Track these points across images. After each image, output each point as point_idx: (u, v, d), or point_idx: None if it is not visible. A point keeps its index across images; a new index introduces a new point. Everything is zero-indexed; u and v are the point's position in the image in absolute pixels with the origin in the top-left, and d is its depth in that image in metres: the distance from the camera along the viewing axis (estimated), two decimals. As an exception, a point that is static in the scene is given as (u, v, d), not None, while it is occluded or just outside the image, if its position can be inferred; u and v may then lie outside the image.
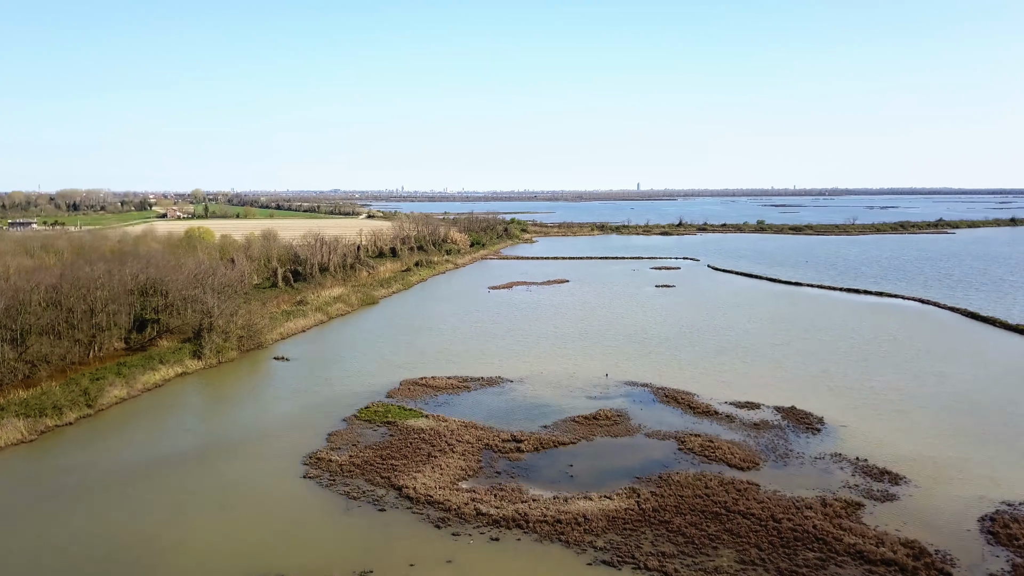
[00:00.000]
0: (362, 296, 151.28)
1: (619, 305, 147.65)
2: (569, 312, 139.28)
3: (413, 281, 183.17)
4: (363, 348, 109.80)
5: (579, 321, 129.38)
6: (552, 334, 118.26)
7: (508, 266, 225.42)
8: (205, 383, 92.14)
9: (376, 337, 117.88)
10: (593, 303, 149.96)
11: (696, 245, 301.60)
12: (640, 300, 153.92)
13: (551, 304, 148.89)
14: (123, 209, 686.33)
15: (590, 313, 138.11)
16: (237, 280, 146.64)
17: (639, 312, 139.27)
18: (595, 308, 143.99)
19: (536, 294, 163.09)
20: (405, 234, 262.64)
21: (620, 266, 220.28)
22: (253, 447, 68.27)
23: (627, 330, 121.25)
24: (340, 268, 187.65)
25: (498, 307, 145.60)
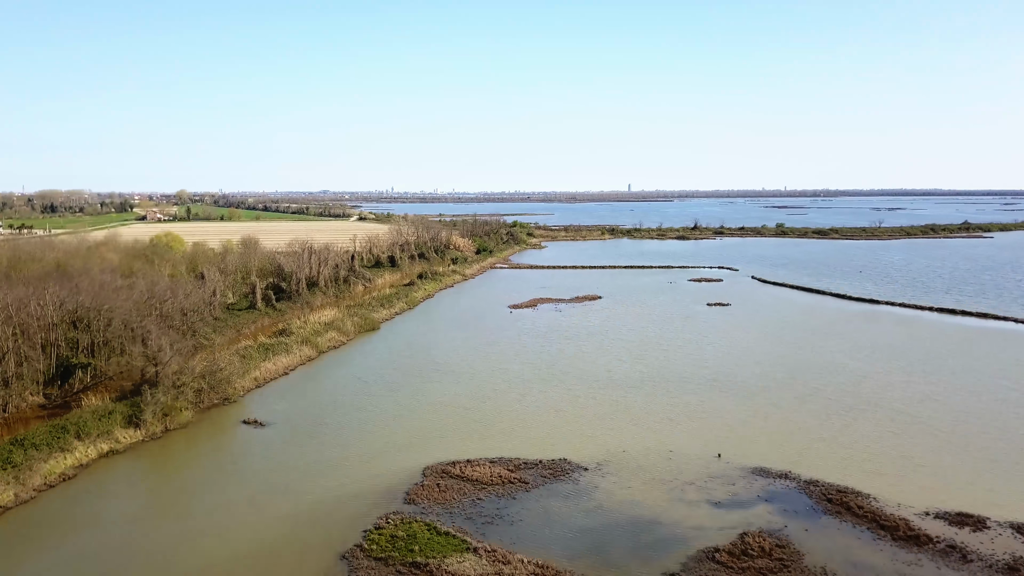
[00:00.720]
0: (359, 320, 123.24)
1: (674, 331, 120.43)
2: (618, 342, 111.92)
3: (418, 298, 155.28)
4: (364, 403, 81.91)
5: (636, 358, 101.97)
6: (607, 379, 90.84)
7: (523, 277, 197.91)
8: (138, 472, 63.94)
9: (380, 385, 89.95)
10: (642, 329, 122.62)
11: (721, 251, 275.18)
12: (697, 324, 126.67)
13: (591, 330, 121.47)
14: (102, 211, 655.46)
15: (645, 344, 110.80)
16: (204, 302, 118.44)
17: (704, 342, 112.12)
18: (647, 336, 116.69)
19: (568, 316, 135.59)
20: (404, 240, 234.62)
21: (652, 277, 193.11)
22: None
23: (704, 371, 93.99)
24: (332, 282, 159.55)
25: (526, 335, 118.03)
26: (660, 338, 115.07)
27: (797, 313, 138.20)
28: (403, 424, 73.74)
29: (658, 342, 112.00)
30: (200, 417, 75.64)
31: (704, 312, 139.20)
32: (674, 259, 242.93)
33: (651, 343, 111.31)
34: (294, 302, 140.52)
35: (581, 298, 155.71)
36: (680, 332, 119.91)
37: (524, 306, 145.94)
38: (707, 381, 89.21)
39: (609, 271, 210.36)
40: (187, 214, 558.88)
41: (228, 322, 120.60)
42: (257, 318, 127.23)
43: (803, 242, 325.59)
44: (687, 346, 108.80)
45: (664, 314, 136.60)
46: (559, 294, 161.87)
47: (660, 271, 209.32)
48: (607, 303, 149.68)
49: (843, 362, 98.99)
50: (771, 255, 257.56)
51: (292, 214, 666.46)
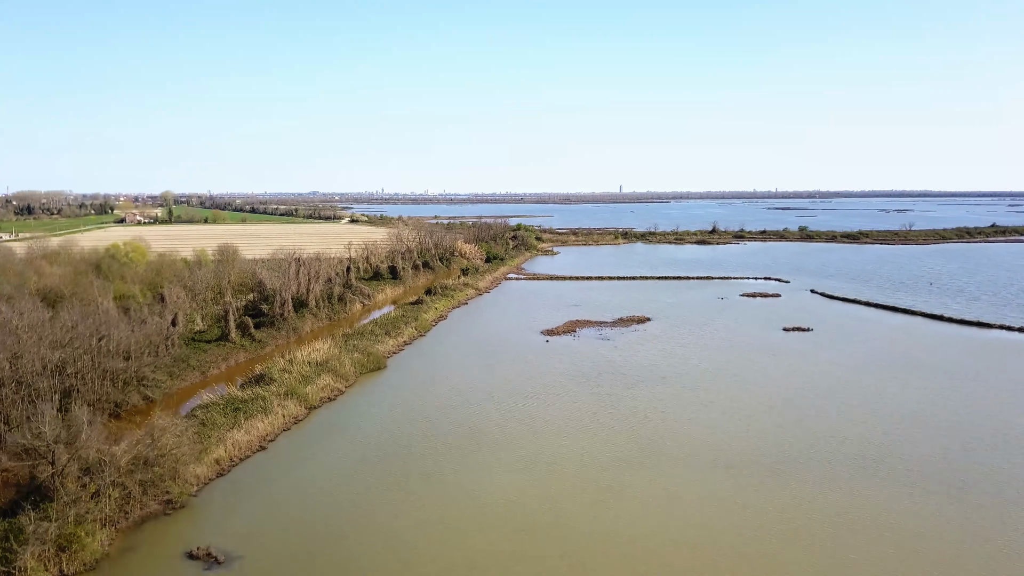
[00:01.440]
0: (360, 357, 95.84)
1: (764, 372, 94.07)
2: (700, 391, 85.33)
3: (429, 321, 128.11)
4: (376, 510, 54.93)
5: (740, 419, 75.50)
6: (721, 462, 64.24)
7: (545, 291, 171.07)
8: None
9: (396, 471, 62.97)
10: (721, 368, 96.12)
11: (751, 258, 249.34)
12: (789, 361, 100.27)
13: (656, 370, 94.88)
14: (81, 213, 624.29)
15: (739, 394, 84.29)
16: (160, 334, 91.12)
17: (815, 391, 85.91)
18: (734, 380, 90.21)
19: (618, 346, 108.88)
20: (405, 247, 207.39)
21: (696, 291, 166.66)
22: None
23: (850, 446, 67.51)
24: (324, 301, 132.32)
25: (576, 379, 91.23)
26: (752, 384, 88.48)
27: (898, 342, 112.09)
28: (440, 554, 46.89)
29: (753, 391, 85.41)
30: (122, 544, 48.46)
31: (785, 341, 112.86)
32: (707, 267, 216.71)
33: (745, 393, 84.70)
34: (278, 329, 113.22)
35: (626, 320, 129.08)
36: (772, 373, 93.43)
37: (560, 332, 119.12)
38: (869, 464, 62.69)
39: (641, 283, 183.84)
40: (169, 216, 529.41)
41: (191, 360, 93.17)
42: (230, 353, 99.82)
43: (833, 247, 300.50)
44: (797, 398, 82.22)
45: (737, 344, 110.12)
46: (596, 314, 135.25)
47: (700, 283, 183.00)
48: (660, 327, 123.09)
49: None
50: (810, 263, 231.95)
51: (281, 216, 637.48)
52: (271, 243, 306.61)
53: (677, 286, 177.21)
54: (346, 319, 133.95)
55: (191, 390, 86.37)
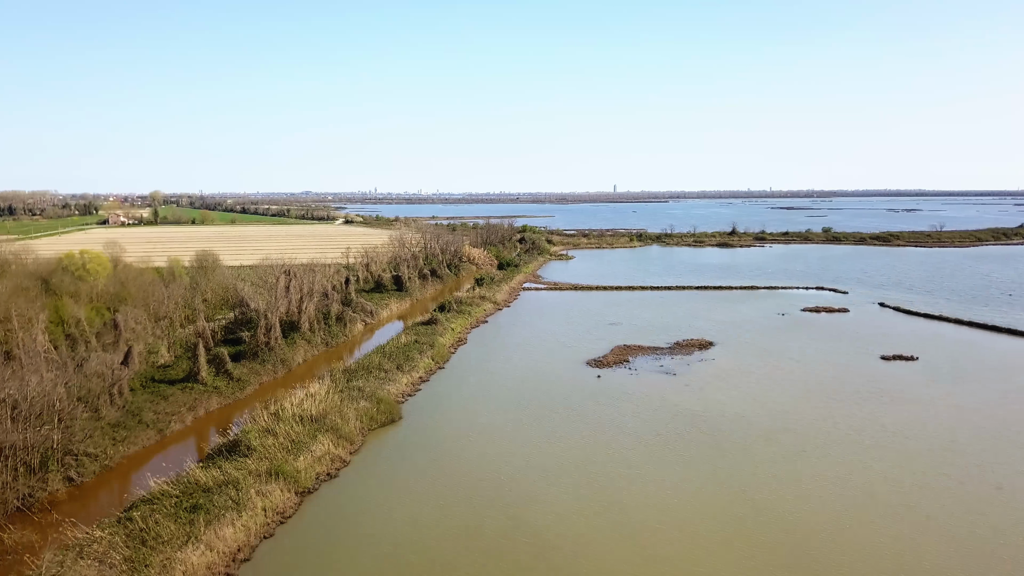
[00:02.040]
0: (368, 407, 73.30)
1: (888, 427, 72.20)
2: (832, 456, 63.46)
3: (446, 346, 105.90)
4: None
5: (918, 509, 53.66)
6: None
7: (570, 303, 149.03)
8: None
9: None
10: (825, 419, 74.29)
11: (785, 263, 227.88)
12: (918, 406, 78.49)
13: (752, 422, 73.07)
14: (64, 213, 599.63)
15: (881, 461, 62.42)
16: (101, 379, 68.77)
17: (989, 457, 64.10)
18: (860, 435, 68.43)
19: (690, 385, 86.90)
20: (409, 252, 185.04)
21: (748, 306, 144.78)
22: None
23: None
24: (319, 322, 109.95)
25: (654, 441, 69.19)
26: (888, 445, 66.63)
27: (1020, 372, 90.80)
28: None
29: (896, 457, 63.61)
30: None
31: (894, 375, 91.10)
32: (744, 275, 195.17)
33: (887, 460, 62.84)
34: (262, 361, 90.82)
35: (684, 345, 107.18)
36: (905, 426, 71.60)
37: (610, 362, 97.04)
38: None
39: (679, 294, 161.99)
40: (155, 217, 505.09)
41: (146, 413, 70.71)
42: (199, 399, 77.39)
43: (865, 250, 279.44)
44: (972, 479, 60.18)
45: (836, 381, 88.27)
46: (644, 336, 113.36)
47: (746, 294, 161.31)
48: (728, 355, 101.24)
49: None
50: (852, 269, 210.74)
51: (272, 216, 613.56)
52: (260, 247, 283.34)
53: (722, 298, 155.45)
54: (346, 344, 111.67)
55: (142, 457, 64.12)
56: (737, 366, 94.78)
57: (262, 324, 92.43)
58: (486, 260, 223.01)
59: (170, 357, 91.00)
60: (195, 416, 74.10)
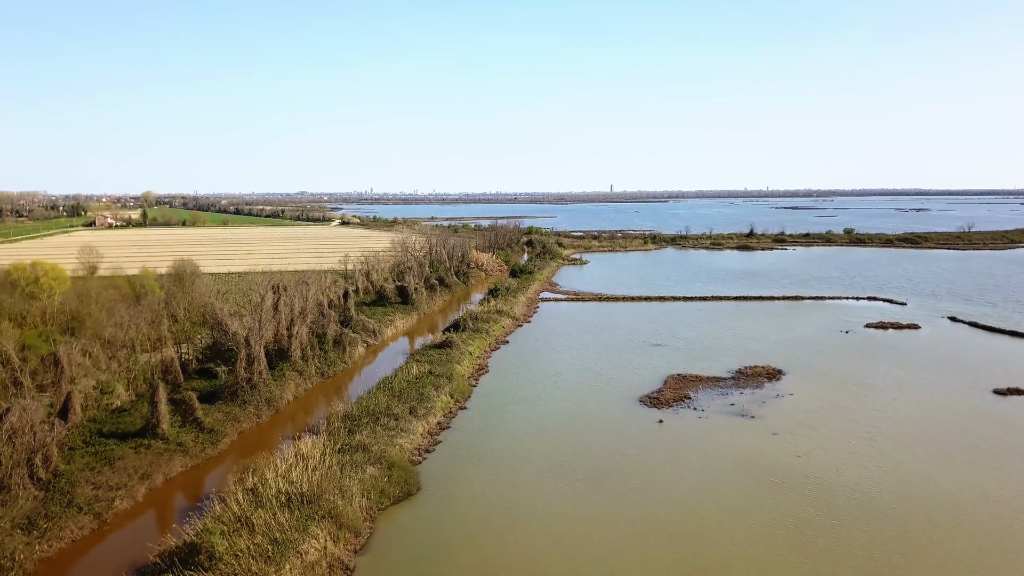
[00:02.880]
0: (375, 476, 55.85)
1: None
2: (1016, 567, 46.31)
3: (465, 377, 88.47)
4: None
5: None
6: None
7: (597, 317, 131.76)
8: None
9: None
10: (980, 488, 57.35)
11: (816, 267, 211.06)
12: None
13: (875, 496, 56.19)
14: (51, 215, 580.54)
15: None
16: (23, 441, 51.22)
17: None
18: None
19: (777, 431, 69.70)
20: (413, 259, 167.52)
21: (800, 320, 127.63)
22: None
23: None
24: (314, 347, 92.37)
25: (765, 532, 52.11)
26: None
27: None
28: None
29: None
30: None
31: (1009, 412, 74.07)
32: (780, 282, 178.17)
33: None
34: (243, 403, 73.34)
35: (748, 374, 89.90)
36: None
37: (668, 398, 79.70)
38: None
39: (716, 306, 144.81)
40: (144, 219, 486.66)
41: (79, 488, 53.10)
42: (157, 460, 59.81)
43: (895, 253, 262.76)
44: None
45: (955, 428, 71.06)
46: (696, 360, 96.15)
47: (792, 305, 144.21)
48: (804, 388, 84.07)
49: None
50: (890, 274, 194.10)
51: (266, 218, 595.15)
52: (251, 251, 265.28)
53: (766, 311, 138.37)
54: (345, 373, 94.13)
55: (67, 557, 46.66)
56: (823, 404, 77.56)
57: (242, 355, 74.79)
58: (495, 266, 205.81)
59: (129, 396, 73.58)
60: (150, 487, 56.55)
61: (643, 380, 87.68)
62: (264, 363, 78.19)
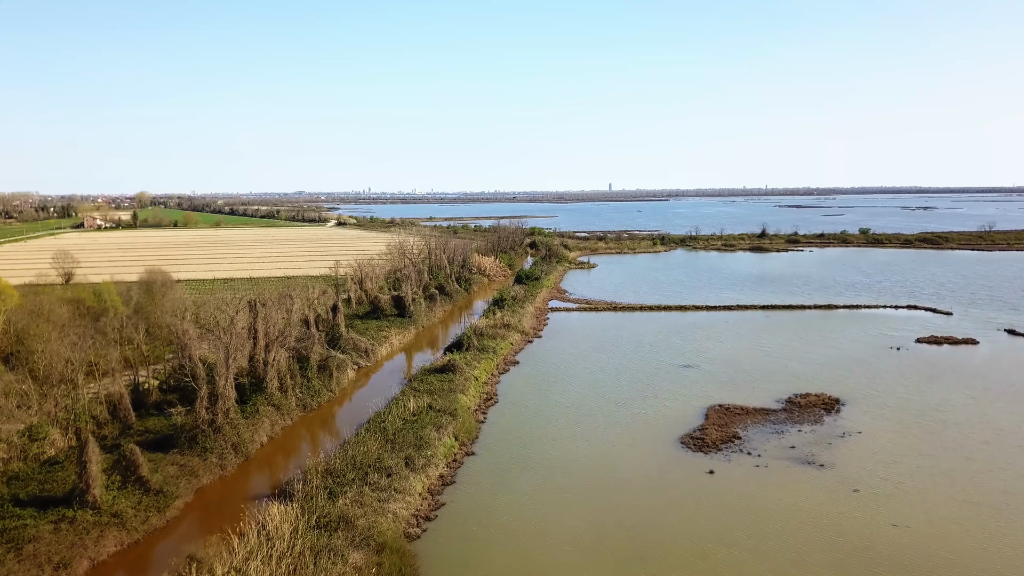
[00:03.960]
0: (362, 571, 43.07)
1: None
2: None
3: (471, 410, 75.74)
4: None
5: None
6: None
7: (615, 331, 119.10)
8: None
9: None
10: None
11: (836, 271, 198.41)
12: None
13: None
14: (40, 217, 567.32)
15: None
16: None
17: None
18: None
19: (862, 491, 57.03)
20: (411, 263, 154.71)
21: (840, 333, 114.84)
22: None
23: None
24: (294, 375, 79.44)
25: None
26: None
27: None
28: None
29: None
30: None
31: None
32: (799, 287, 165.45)
33: None
34: (204, 451, 60.52)
35: (801, 404, 77.15)
36: None
37: (715, 440, 66.90)
38: None
39: (742, 316, 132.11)
40: (134, 220, 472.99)
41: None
42: (79, 543, 46.80)
43: (919, 255, 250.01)
44: None
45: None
46: (737, 387, 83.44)
47: (824, 315, 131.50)
48: (873, 423, 71.38)
49: None
50: (924, 279, 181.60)
51: (261, 218, 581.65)
52: (242, 255, 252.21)
53: (798, 322, 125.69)
54: (331, 403, 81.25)
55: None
56: (901, 448, 64.83)
57: (203, 394, 61.87)
58: (499, 270, 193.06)
59: (66, 443, 60.77)
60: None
61: (679, 413, 74.94)
62: (232, 399, 65.33)
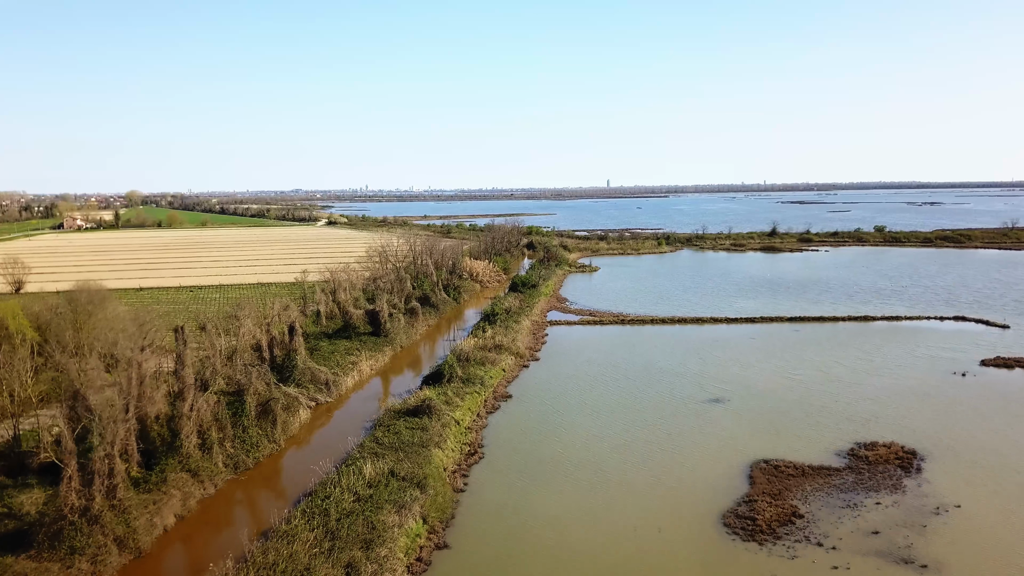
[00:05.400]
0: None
1: None
2: None
3: (447, 476, 58.93)
4: None
5: None
6: None
7: (624, 351, 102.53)
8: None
9: None
10: None
11: (859, 274, 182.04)
12: None
13: None
14: (22, 217, 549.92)
15: None
16: None
17: None
18: None
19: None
20: (392, 269, 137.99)
21: (885, 352, 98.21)
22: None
23: None
24: (223, 429, 62.43)
25: None
26: None
27: None
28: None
29: None
30: None
31: None
32: (820, 293, 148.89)
33: None
34: (68, 556, 43.35)
35: (868, 459, 60.48)
36: None
37: (767, 517, 50.32)
38: None
39: (765, 329, 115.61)
40: (116, 220, 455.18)
41: None
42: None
43: (943, 255, 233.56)
44: None
45: None
46: (781, 433, 66.88)
47: (860, 329, 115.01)
48: (963, 487, 54.92)
49: None
50: (956, 282, 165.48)
51: (251, 217, 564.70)
52: (219, 258, 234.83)
53: (832, 339, 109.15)
54: (273, 459, 64.40)
55: None
56: (1006, 532, 48.28)
57: (69, 472, 45.02)
58: (492, 276, 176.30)
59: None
60: None
61: (715, 473, 58.33)
62: (122, 473, 48.57)
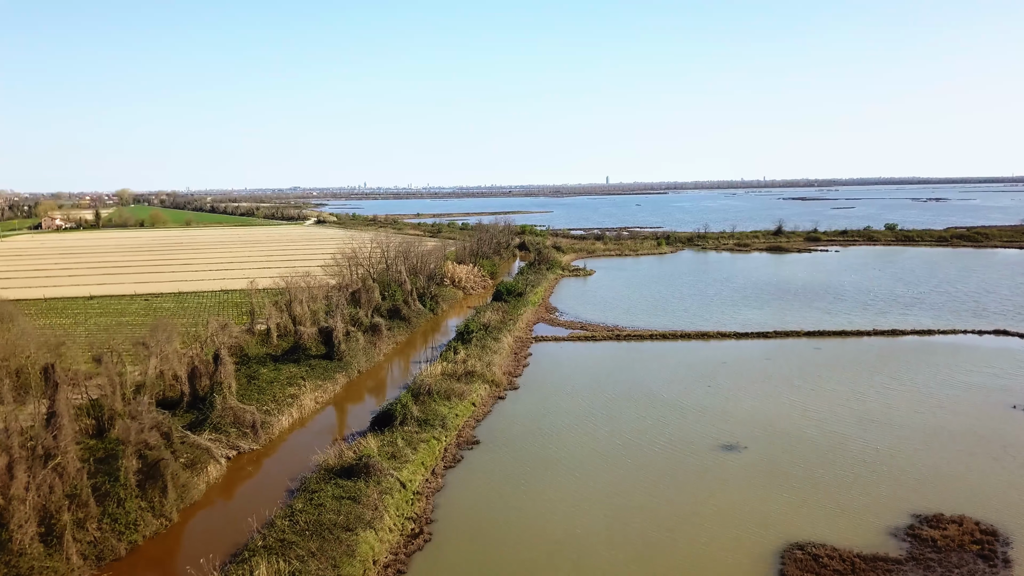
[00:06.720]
0: None
1: None
2: None
3: (376, 568, 44.14)
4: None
5: None
6: None
7: (618, 376, 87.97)
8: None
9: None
10: None
11: (873, 277, 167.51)
12: None
13: None
14: (4, 216, 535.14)
15: None
16: None
17: None
18: None
19: None
20: (364, 280, 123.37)
21: (921, 375, 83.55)
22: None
23: None
24: (85, 507, 47.51)
25: None
26: None
27: None
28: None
29: None
30: None
31: None
32: (834, 300, 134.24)
33: None
34: None
35: (937, 546, 45.83)
36: None
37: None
38: None
39: (781, 346, 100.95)
40: (96, 220, 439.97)
41: None
42: None
43: (961, 255, 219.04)
44: None
45: None
46: (810, 498, 52.29)
47: (887, 346, 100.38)
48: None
49: None
50: (982, 287, 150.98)
51: (240, 216, 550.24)
52: (190, 261, 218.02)
53: (857, 357, 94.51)
54: (159, 540, 49.53)
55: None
56: None
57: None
58: (477, 281, 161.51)
59: None
60: None
61: (735, 566, 43.63)
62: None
